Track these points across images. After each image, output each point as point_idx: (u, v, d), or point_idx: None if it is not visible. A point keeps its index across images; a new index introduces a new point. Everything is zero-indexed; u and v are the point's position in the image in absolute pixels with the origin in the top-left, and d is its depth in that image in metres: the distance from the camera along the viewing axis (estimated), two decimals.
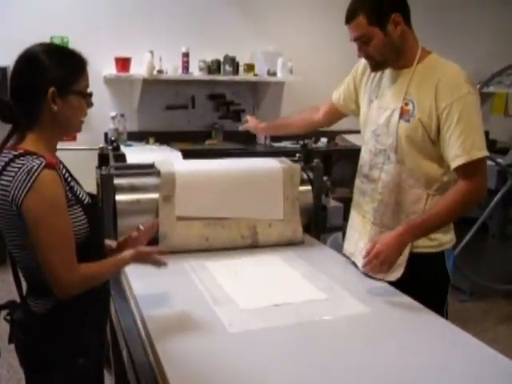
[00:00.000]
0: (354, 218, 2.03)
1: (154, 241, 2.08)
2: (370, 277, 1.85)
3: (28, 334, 1.44)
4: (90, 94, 1.45)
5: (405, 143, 1.81)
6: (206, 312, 1.63)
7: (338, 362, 1.39)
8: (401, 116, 1.80)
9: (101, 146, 2.16)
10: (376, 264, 1.71)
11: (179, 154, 4.26)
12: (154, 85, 4.67)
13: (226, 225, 2.18)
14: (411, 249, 1.83)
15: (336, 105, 2.16)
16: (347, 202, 2.69)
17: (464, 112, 1.70)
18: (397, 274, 1.85)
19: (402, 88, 1.81)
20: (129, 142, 4.68)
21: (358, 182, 2.04)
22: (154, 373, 1.39)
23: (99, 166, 2.15)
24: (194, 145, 4.74)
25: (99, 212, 1.52)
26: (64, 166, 1.50)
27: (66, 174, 1.45)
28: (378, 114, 1.89)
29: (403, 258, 1.83)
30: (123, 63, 4.59)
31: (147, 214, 2.14)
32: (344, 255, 2.09)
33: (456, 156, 1.73)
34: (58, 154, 1.48)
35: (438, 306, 1.77)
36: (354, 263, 2.00)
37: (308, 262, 2.06)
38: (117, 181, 2.15)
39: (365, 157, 1.99)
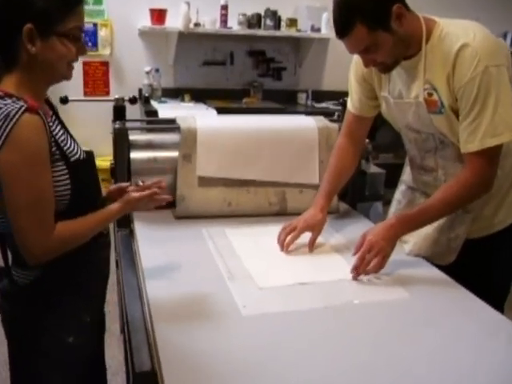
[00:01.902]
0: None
1: (171, 204, 1.88)
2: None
3: (12, 306, 1.26)
4: (79, 38, 1.21)
5: (449, 131, 1.52)
6: (218, 289, 1.42)
7: (369, 355, 1.16)
8: (429, 110, 1.51)
9: (116, 96, 1.95)
10: (370, 259, 1.46)
11: (214, 112, 4.05)
12: (190, 39, 4.43)
13: (252, 189, 1.95)
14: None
15: (362, 115, 1.76)
16: (391, 169, 2.43)
17: (481, 92, 1.39)
18: (449, 257, 1.61)
19: (418, 77, 1.51)
20: (163, 99, 4.48)
21: (415, 173, 1.77)
22: (152, 363, 1.19)
23: (114, 120, 1.94)
24: (231, 103, 4.50)
25: (91, 172, 1.30)
26: (57, 117, 1.29)
27: (56, 126, 1.24)
28: (401, 110, 1.60)
29: (458, 242, 1.58)
30: (158, 15, 4.36)
31: (165, 174, 1.93)
32: None
33: (466, 142, 1.45)
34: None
35: (495, 295, 1.53)
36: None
37: (342, 234, 1.83)
38: (132, 137, 1.94)
39: (411, 148, 1.71)
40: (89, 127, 4.44)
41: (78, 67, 4.53)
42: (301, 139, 2.00)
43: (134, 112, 4.54)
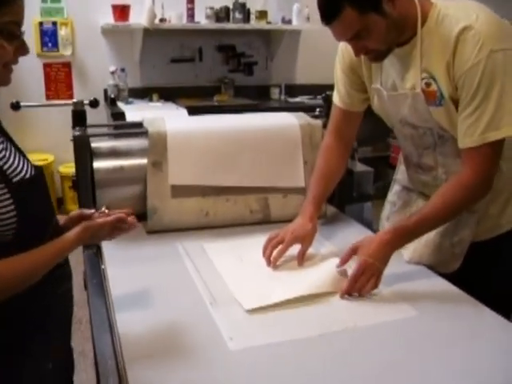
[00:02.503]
0: (420, 205, 1.56)
1: (141, 217, 1.69)
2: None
3: None
4: (17, 35, 1.00)
5: (449, 125, 1.35)
6: (200, 317, 1.24)
7: None
8: (427, 101, 1.34)
9: (74, 100, 1.75)
10: (363, 283, 1.30)
11: (185, 112, 3.86)
12: (156, 35, 4.23)
13: (231, 197, 1.77)
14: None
15: (350, 109, 1.59)
16: (370, 164, 2.27)
17: (484, 80, 1.23)
18: (454, 264, 1.45)
19: (414, 66, 1.34)
20: (130, 99, 4.27)
21: (411, 172, 1.59)
22: None
23: (73, 126, 1.74)
24: (201, 101, 4.31)
25: (41, 193, 1.10)
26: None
27: None
28: (395, 103, 1.43)
29: (463, 247, 1.43)
30: (121, 11, 4.15)
31: (133, 185, 1.74)
32: None
33: (465, 135, 1.30)
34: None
35: (505, 302, 1.37)
36: None
37: (333, 242, 1.66)
38: (95, 144, 1.74)
39: (406, 145, 1.54)
40: (52, 132, 4.21)
41: (38, 69, 4.30)
42: (282, 139, 1.82)
43: (99, 115, 4.33)
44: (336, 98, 1.61)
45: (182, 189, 1.71)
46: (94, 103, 1.76)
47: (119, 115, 3.78)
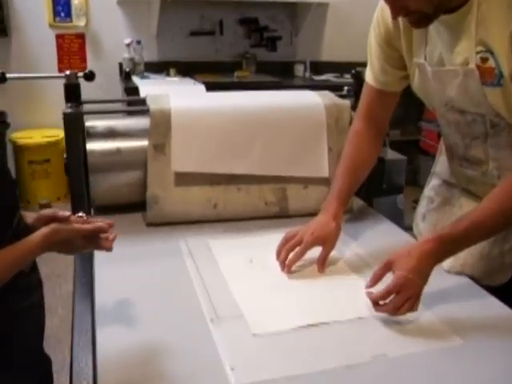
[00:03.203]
0: (468, 204, 1.32)
1: (141, 207, 1.49)
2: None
3: None
4: None
5: (507, 111, 1.10)
6: (197, 337, 1.02)
7: None
8: (482, 80, 1.08)
9: (67, 72, 1.53)
10: (398, 303, 1.05)
11: (202, 88, 3.63)
12: (174, 6, 3.98)
13: (244, 186, 1.54)
14: None
15: (386, 89, 1.34)
16: (398, 149, 2.03)
17: None
18: (503, 276, 1.21)
19: (467, 36, 1.08)
20: (146, 74, 4.04)
21: (454, 166, 1.34)
22: None
23: (66, 102, 1.53)
24: (221, 77, 4.07)
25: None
26: None
27: None
28: (441, 82, 1.17)
29: None
30: None
31: (132, 170, 1.53)
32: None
33: None
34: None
35: None
36: None
37: (360, 243, 1.43)
38: (89, 123, 1.53)
39: (450, 133, 1.28)
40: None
41: (50, 41, 4.08)
42: (304, 121, 1.58)
43: (113, 91, 4.12)
44: (369, 76, 1.36)
45: (187, 176, 1.49)
46: (88, 76, 1.54)
47: (132, 90, 3.55)
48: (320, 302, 1.14)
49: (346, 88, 1.83)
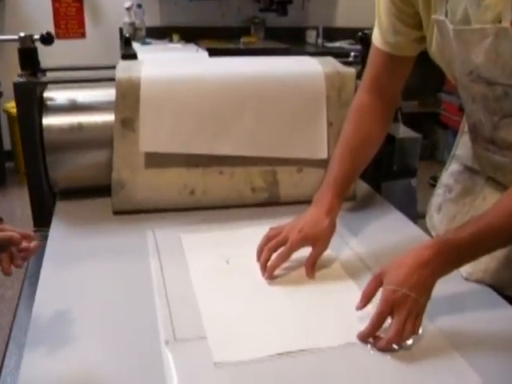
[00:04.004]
0: (493, 196, 1.07)
1: (107, 191, 1.28)
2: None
3: None
4: None
5: None
6: (143, 366, 0.81)
7: None
8: None
9: (22, 34, 1.30)
10: (399, 324, 0.83)
11: (205, 54, 3.39)
12: None
13: (227, 169, 1.32)
14: None
15: (397, 54, 1.08)
16: (417, 121, 1.79)
17: None
18: None
19: None
20: (148, 40, 3.81)
21: (479, 149, 1.09)
22: None
23: (21, 69, 1.30)
24: (226, 43, 3.82)
25: None
26: None
27: None
28: (466, 45, 0.91)
29: None
30: None
31: (96, 149, 1.31)
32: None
33: None
34: None
35: None
36: None
37: (361, 238, 1.20)
38: (46, 93, 1.31)
39: (474, 109, 1.02)
40: None
41: (46, 4, 3.84)
42: (300, 92, 1.34)
43: (112, 57, 3.89)
44: (376, 37, 1.11)
45: (159, 157, 1.27)
46: (46, 39, 1.31)
47: (131, 57, 3.32)
48: (304, 320, 0.91)
49: (352, 54, 1.58)
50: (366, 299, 0.87)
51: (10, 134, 3.81)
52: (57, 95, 1.32)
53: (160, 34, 3.90)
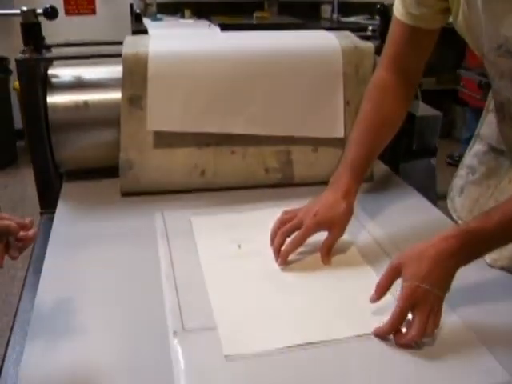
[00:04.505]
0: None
1: (114, 172, 1.23)
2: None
3: None
4: None
5: None
6: (150, 359, 0.77)
7: None
8: None
9: (24, 8, 1.24)
10: (421, 321, 0.77)
11: (217, 30, 3.31)
12: None
13: (239, 149, 1.26)
14: None
15: (421, 26, 1.00)
16: (435, 99, 1.72)
17: None
18: None
19: None
20: (159, 16, 3.73)
21: (506, 129, 1.02)
22: None
23: (24, 45, 1.25)
24: (239, 18, 3.73)
25: None
26: None
27: None
28: (494, 15, 0.84)
29: None
30: None
31: (102, 128, 1.26)
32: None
33: None
34: None
35: None
36: None
37: (379, 222, 1.15)
38: (51, 71, 1.26)
39: (502, 86, 0.95)
40: None
41: None
42: (316, 68, 1.28)
43: (124, 35, 3.82)
44: (398, 9, 1.04)
45: (168, 136, 1.22)
46: (49, 13, 1.25)
47: (141, 33, 3.26)
48: (319, 310, 0.87)
49: (370, 28, 1.51)
50: (382, 291, 0.82)
51: (21, 113, 3.77)
52: (62, 72, 1.27)
53: (171, 9, 3.82)
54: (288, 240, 0.98)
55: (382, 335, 0.79)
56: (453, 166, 3.82)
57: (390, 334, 0.79)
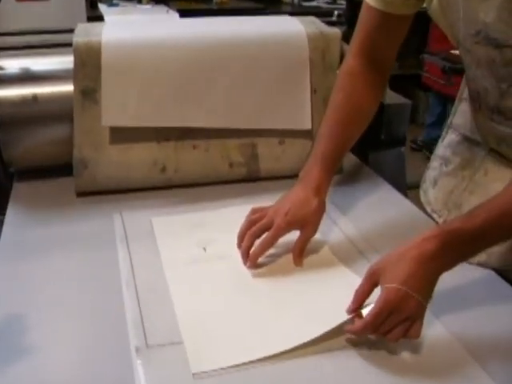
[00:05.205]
0: (496, 170, 0.98)
1: (66, 169, 1.15)
2: None
3: None
4: None
5: None
6: (110, 379, 0.70)
7: None
8: None
9: None
10: (388, 324, 0.72)
11: (176, 16, 3.21)
12: None
13: (201, 142, 1.19)
14: None
15: (393, 12, 0.93)
16: (398, 84, 1.68)
17: None
18: None
19: None
20: (115, 1, 3.59)
21: (481, 118, 0.97)
22: None
23: None
24: (199, 4, 3.63)
25: None
26: None
27: None
28: (473, 2, 0.80)
29: None
30: None
31: (54, 124, 1.17)
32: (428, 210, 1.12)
33: None
34: None
35: None
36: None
37: (350, 218, 1.10)
38: None
39: (478, 75, 0.90)
40: None
41: None
42: (279, 56, 1.21)
43: (78, 21, 3.68)
44: None
45: (125, 131, 1.14)
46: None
47: (97, 20, 3.13)
48: (293, 315, 0.81)
49: (336, 13, 1.45)
50: (359, 301, 0.76)
51: None
52: (7, 64, 1.17)
53: None
54: (257, 242, 0.92)
55: (353, 333, 0.74)
56: (417, 151, 3.82)
57: (361, 334, 0.74)
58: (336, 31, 1.26)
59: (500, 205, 0.74)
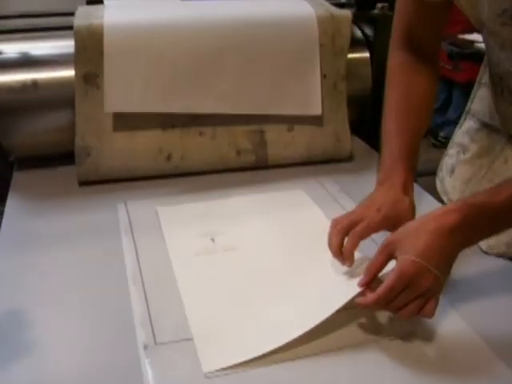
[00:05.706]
0: (510, 157, 0.94)
1: (69, 158, 1.11)
2: None
3: None
4: None
5: None
6: (117, 378, 0.67)
7: None
8: None
9: None
10: (402, 300, 0.67)
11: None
12: None
13: (208, 129, 1.15)
14: None
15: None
16: None
17: None
18: None
19: None
20: None
21: (503, 104, 0.91)
22: None
23: None
24: None
25: None
26: None
27: None
28: None
29: None
30: None
31: (55, 110, 1.14)
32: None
33: None
34: None
35: None
36: None
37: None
38: None
39: (502, 58, 0.85)
40: None
41: None
42: (289, 39, 1.17)
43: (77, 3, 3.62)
44: None
45: (130, 117, 1.10)
46: None
47: (97, 3, 3.07)
48: (303, 300, 0.77)
49: None
50: (372, 274, 0.71)
51: None
52: (6, 48, 1.13)
53: None
54: (347, 240, 0.80)
55: (364, 306, 0.70)
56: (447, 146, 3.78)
57: (373, 308, 0.70)
58: (347, 13, 1.21)
59: None
